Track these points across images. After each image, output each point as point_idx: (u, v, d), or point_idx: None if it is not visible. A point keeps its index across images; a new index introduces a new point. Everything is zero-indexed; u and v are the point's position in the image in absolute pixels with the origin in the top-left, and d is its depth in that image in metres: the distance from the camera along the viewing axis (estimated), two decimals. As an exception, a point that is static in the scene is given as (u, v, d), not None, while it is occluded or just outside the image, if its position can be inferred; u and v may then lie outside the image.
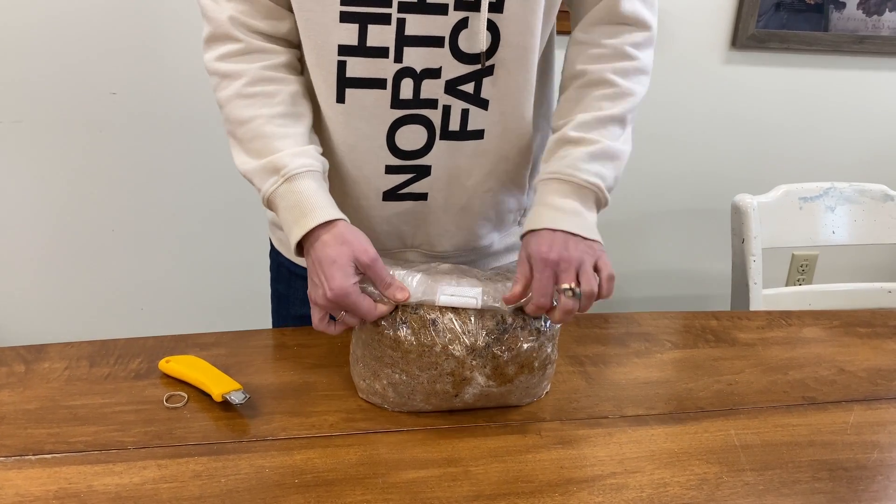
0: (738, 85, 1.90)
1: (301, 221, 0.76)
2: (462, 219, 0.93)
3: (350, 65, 0.79)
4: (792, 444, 0.77)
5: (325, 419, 0.77)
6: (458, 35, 0.79)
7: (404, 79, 0.80)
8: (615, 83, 0.84)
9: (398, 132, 0.83)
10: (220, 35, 0.80)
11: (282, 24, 0.81)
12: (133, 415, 0.76)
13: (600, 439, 0.75)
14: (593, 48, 0.86)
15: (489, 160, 0.89)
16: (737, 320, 1.05)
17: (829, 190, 1.38)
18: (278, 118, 0.80)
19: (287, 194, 0.78)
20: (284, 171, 0.78)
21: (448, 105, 0.83)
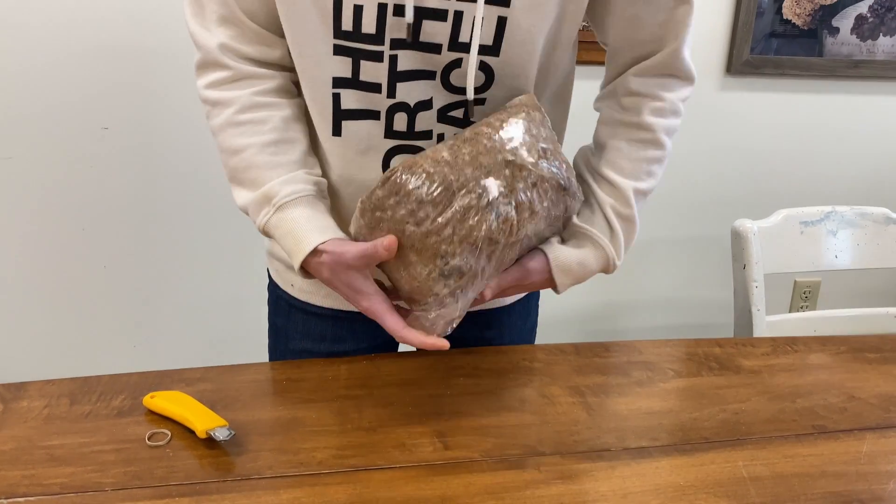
0: (734, 111, 1.90)
1: (295, 250, 0.77)
2: None
3: (344, 97, 0.78)
4: (803, 475, 0.73)
5: (313, 456, 0.73)
6: (451, 73, 0.78)
7: (398, 113, 0.79)
8: (664, 146, 0.87)
9: (392, 161, 0.82)
10: (209, 62, 0.80)
11: (273, 51, 0.80)
12: (113, 454, 0.73)
13: (602, 473, 0.72)
14: (654, 101, 0.85)
15: None
16: (741, 347, 1.02)
17: (829, 214, 1.36)
18: (270, 146, 0.79)
19: (280, 223, 0.78)
20: (275, 201, 0.77)
21: (441, 133, 0.82)
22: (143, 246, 1.72)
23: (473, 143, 0.71)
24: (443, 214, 0.69)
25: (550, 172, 0.74)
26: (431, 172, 0.69)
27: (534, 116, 0.76)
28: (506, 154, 0.71)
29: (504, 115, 0.74)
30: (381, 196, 0.70)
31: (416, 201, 0.69)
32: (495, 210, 0.70)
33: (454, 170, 0.69)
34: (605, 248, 0.85)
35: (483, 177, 0.70)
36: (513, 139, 0.72)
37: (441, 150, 0.71)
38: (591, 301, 2.00)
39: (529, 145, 0.73)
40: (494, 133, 0.72)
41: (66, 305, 1.75)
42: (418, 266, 0.72)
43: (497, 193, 0.70)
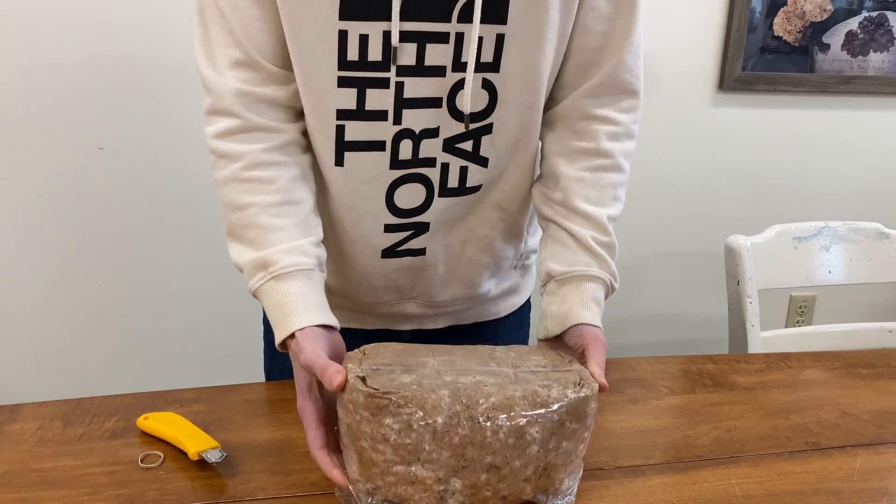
0: (726, 127, 1.91)
1: (282, 323, 0.73)
2: (460, 269, 0.92)
3: (349, 128, 0.78)
4: (796, 493, 0.73)
5: (306, 477, 0.73)
6: (456, 95, 0.78)
7: (403, 140, 0.79)
8: (625, 169, 0.87)
9: (397, 192, 0.82)
10: (220, 109, 0.77)
11: (286, 90, 0.78)
12: (105, 477, 0.72)
13: (595, 492, 0.72)
14: (609, 125, 0.85)
15: (486, 211, 0.88)
16: (735, 364, 1.02)
17: (822, 229, 1.36)
18: (274, 207, 0.77)
19: (271, 292, 0.75)
20: (273, 269, 0.75)
21: (446, 163, 0.82)
22: (138, 266, 1.73)
23: (478, 427, 0.61)
24: (397, 465, 0.62)
25: (534, 498, 0.66)
26: (412, 427, 0.61)
27: (571, 430, 0.65)
28: (497, 459, 0.62)
29: (535, 404, 0.63)
30: (361, 402, 0.62)
31: (382, 437, 0.61)
32: (444, 501, 0.63)
33: (433, 441, 0.61)
34: (602, 277, 0.84)
35: (455, 471, 0.62)
36: (519, 448, 0.62)
37: (442, 406, 0.61)
38: (587, 317, 2.00)
39: (535, 461, 0.64)
40: (507, 429, 0.62)
41: (61, 325, 1.75)
42: (354, 466, 0.65)
43: (455, 488, 0.62)
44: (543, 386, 0.65)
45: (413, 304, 0.95)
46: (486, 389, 0.63)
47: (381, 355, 0.70)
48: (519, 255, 0.98)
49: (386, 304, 0.94)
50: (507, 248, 0.94)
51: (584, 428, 0.66)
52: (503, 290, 1.00)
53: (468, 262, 0.92)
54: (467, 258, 0.91)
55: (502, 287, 1.00)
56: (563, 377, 0.67)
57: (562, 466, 0.66)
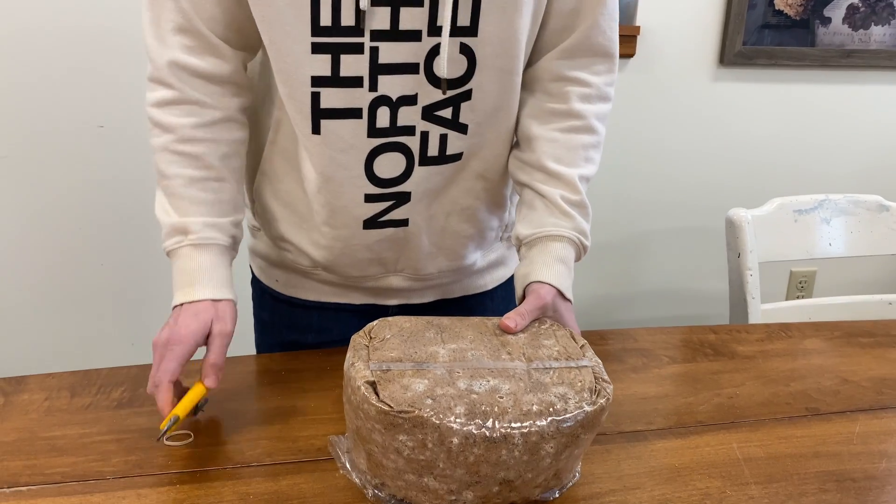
0: (727, 102, 1.91)
1: (187, 289, 0.78)
2: (444, 241, 0.92)
3: (324, 96, 0.77)
4: (797, 455, 0.74)
5: (312, 444, 0.74)
6: (433, 61, 0.77)
7: (380, 107, 0.78)
8: (598, 132, 0.87)
9: (376, 161, 0.81)
10: (157, 78, 0.79)
11: (225, 65, 0.79)
12: (114, 444, 0.73)
13: (597, 456, 0.73)
14: (581, 87, 0.85)
15: (468, 181, 0.88)
16: (735, 334, 1.03)
17: (823, 202, 1.37)
18: (199, 182, 0.80)
19: (183, 258, 0.79)
20: (191, 237, 0.78)
21: (426, 131, 0.81)
22: (141, 243, 1.73)
23: (493, 446, 0.59)
24: (409, 474, 0.61)
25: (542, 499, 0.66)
26: (427, 446, 0.59)
27: (583, 439, 0.63)
28: (510, 474, 0.61)
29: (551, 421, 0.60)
30: (373, 415, 0.60)
31: (395, 449, 0.60)
32: None
33: (448, 460, 0.59)
34: (567, 236, 0.83)
35: (469, 485, 0.61)
36: (532, 462, 0.61)
37: (455, 430, 0.58)
38: (586, 294, 2.01)
39: (547, 471, 0.63)
40: (522, 447, 0.60)
41: (64, 303, 1.75)
42: (361, 456, 0.65)
43: (467, 499, 0.62)
44: (559, 396, 0.62)
45: (399, 277, 0.94)
46: (501, 403, 0.60)
47: (387, 343, 0.68)
48: (504, 226, 0.98)
49: (371, 278, 0.94)
50: (492, 219, 0.94)
51: (594, 431, 0.65)
52: (490, 261, 1.00)
53: (452, 233, 0.91)
54: (451, 229, 0.91)
55: (489, 259, 1.00)
56: (579, 378, 0.65)
57: (569, 469, 0.66)
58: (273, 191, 0.90)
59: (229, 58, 0.79)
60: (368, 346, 0.68)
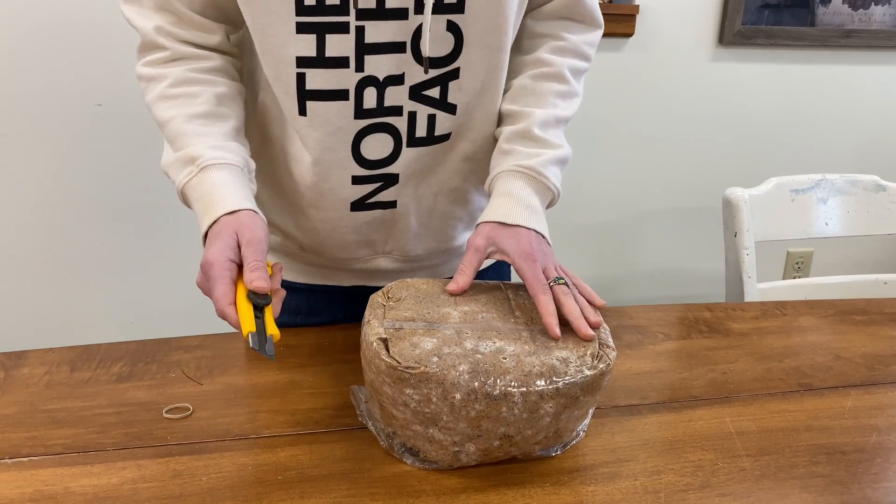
0: (725, 82, 1.90)
1: (209, 212, 0.72)
2: (432, 222, 0.92)
3: (310, 76, 0.76)
4: (789, 429, 0.75)
5: (310, 416, 0.75)
6: (420, 39, 0.76)
7: (367, 88, 0.77)
8: (569, 81, 0.86)
9: (363, 142, 0.81)
10: (148, 44, 0.79)
11: (211, 37, 0.79)
12: (113, 417, 0.74)
13: (592, 430, 0.74)
14: (555, 40, 0.86)
15: (456, 162, 0.87)
16: (731, 311, 1.04)
17: (820, 182, 1.37)
18: (198, 118, 0.77)
19: (199, 185, 0.74)
20: (199, 161, 0.74)
21: (413, 111, 0.80)
22: (140, 222, 1.73)
23: (494, 403, 0.61)
24: (416, 425, 0.65)
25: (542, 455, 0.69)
26: (431, 400, 0.62)
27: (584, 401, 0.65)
28: (510, 430, 0.63)
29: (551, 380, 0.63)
30: (384, 369, 0.63)
31: (403, 402, 0.64)
32: (457, 458, 0.66)
33: (451, 413, 0.62)
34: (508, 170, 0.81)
35: (471, 438, 0.64)
36: (532, 420, 0.63)
37: (460, 384, 0.61)
38: (583, 273, 2.02)
39: (547, 429, 0.65)
40: (522, 405, 0.62)
41: (63, 283, 1.76)
42: (375, 407, 0.69)
43: (470, 451, 0.65)
44: (561, 360, 0.64)
45: (387, 258, 0.94)
46: (504, 364, 0.63)
47: (403, 303, 0.71)
48: None
49: (360, 260, 0.94)
50: (482, 200, 0.94)
51: (595, 395, 0.67)
52: None
53: (441, 214, 0.91)
54: (440, 211, 0.91)
55: None
56: (583, 343, 0.68)
57: (570, 429, 0.68)
58: (258, 174, 0.89)
59: (214, 30, 0.79)
60: (385, 306, 0.71)
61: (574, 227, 1.98)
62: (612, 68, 1.82)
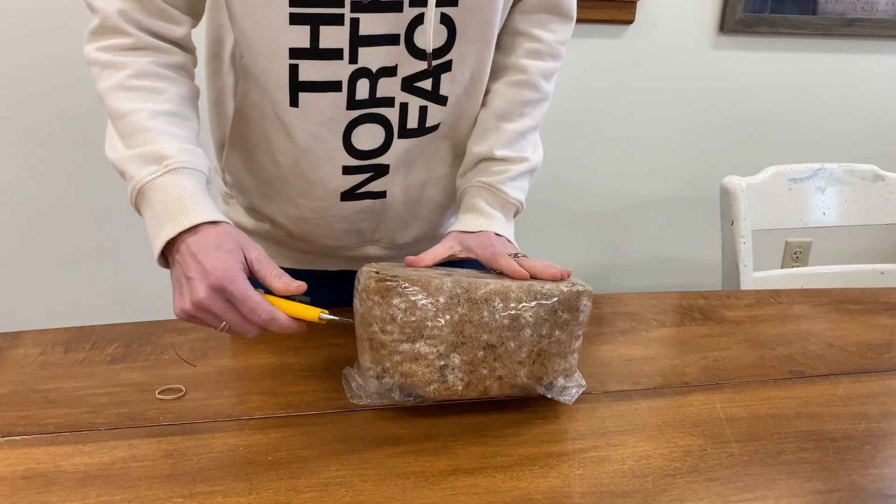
0: (726, 70, 1.89)
1: (179, 217, 0.67)
2: (420, 211, 0.92)
3: (303, 68, 0.75)
4: (778, 416, 0.75)
5: (302, 398, 0.75)
6: (414, 32, 0.76)
7: (360, 79, 0.77)
8: (540, 88, 0.88)
9: (354, 132, 0.81)
10: (108, 28, 0.72)
11: (176, 28, 0.76)
12: (106, 397, 0.74)
13: (582, 414, 0.74)
14: (531, 41, 0.87)
15: (442, 150, 0.88)
16: (725, 299, 1.04)
17: (818, 171, 1.37)
18: (163, 116, 0.72)
19: (166, 186, 0.68)
20: (168, 162, 0.69)
21: (405, 102, 0.80)
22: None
23: (476, 307, 0.67)
24: (403, 343, 0.67)
25: (527, 383, 0.70)
26: (416, 306, 0.66)
27: (563, 319, 0.70)
28: (493, 338, 0.68)
29: (530, 296, 0.68)
30: (373, 287, 0.67)
31: (391, 317, 0.67)
32: (444, 377, 0.68)
33: (435, 318, 0.66)
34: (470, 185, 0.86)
35: (455, 346, 0.67)
36: (514, 329, 0.68)
37: (444, 289, 0.67)
38: (578, 262, 2.02)
39: (529, 345, 0.69)
40: (503, 311, 0.67)
41: (63, 266, 1.76)
42: (366, 355, 0.70)
43: (454, 364, 0.67)
44: (540, 284, 0.70)
45: (375, 246, 0.95)
46: (485, 280, 0.69)
47: (394, 270, 0.74)
48: None
49: (348, 248, 0.94)
50: None
51: (577, 322, 0.71)
52: None
53: (429, 203, 0.92)
54: (428, 199, 0.92)
55: None
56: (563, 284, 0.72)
57: (555, 356, 0.70)
58: (243, 163, 0.89)
59: (179, 21, 0.76)
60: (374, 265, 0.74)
61: (570, 215, 1.97)
62: (611, 55, 1.81)
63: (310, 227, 0.89)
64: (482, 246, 0.81)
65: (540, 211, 1.94)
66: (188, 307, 0.66)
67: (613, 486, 0.63)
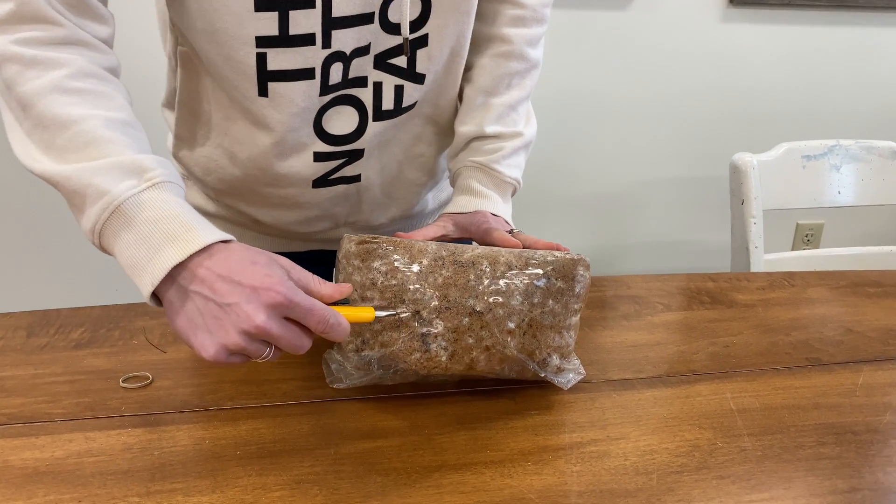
0: (736, 44, 1.82)
1: (185, 237, 0.55)
2: (397, 191, 0.87)
3: (271, 57, 0.68)
4: (794, 407, 0.69)
5: (277, 387, 0.70)
6: (388, 7, 0.70)
7: (334, 64, 0.71)
8: (527, 57, 0.83)
9: (326, 116, 0.75)
10: (29, 15, 0.59)
11: (103, 28, 0.64)
12: (66, 385, 0.69)
13: (581, 404, 0.68)
14: (514, 8, 0.81)
15: (419, 127, 0.83)
16: (735, 282, 0.98)
17: (833, 148, 1.30)
18: (120, 125, 0.59)
19: (156, 203, 0.56)
20: (151, 175, 0.57)
21: (379, 82, 0.74)
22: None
23: (461, 270, 0.62)
24: (382, 311, 0.61)
25: (517, 357, 0.63)
26: (398, 268, 0.62)
27: (557, 287, 0.64)
28: (479, 303, 0.62)
29: (521, 261, 0.63)
30: (353, 251, 0.63)
31: (371, 282, 0.62)
32: (426, 345, 0.61)
33: (419, 280, 0.61)
34: (461, 165, 0.83)
35: (438, 312, 0.61)
36: (502, 295, 0.62)
37: (427, 251, 0.63)
38: (581, 245, 1.96)
39: (520, 314, 0.63)
40: (491, 276, 0.62)
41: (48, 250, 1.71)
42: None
43: (437, 331, 0.61)
44: (532, 251, 0.66)
45: (349, 229, 0.89)
46: (472, 246, 0.65)
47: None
48: None
49: (321, 232, 0.89)
50: (442, 160, 0.90)
51: (573, 293, 0.65)
52: (441, 202, 0.96)
53: (406, 182, 0.87)
54: (404, 178, 0.86)
55: (440, 199, 0.96)
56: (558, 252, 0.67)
57: (548, 329, 0.64)
58: (193, 158, 0.82)
59: (107, 19, 0.65)
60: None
61: (572, 196, 1.91)
62: (616, 28, 1.75)
63: (279, 213, 0.84)
64: (476, 223, 0.77)
65: (538, 192, 1.88)
66: (234, 340, 0.53)
67: (614, 485, 0.58)
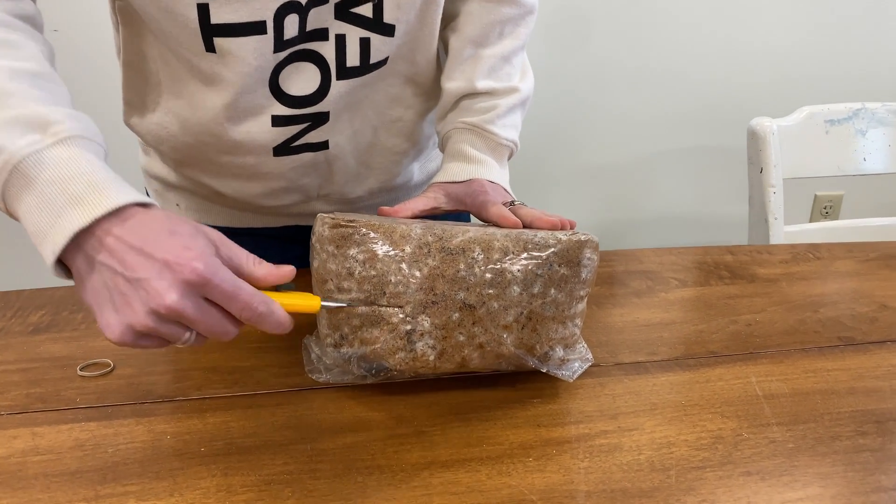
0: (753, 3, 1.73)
1: (90, 199, 0.47)
2: (374, 160, 0.79)
3: (214, 9, 0.60)
4: (828, 392, 0.62)
5: (251, 375, 0.63)
6: None
7: (288, 16, 0.62)
8: (522, 1, 0.76)
9: (282, 74, 0.66)
10: None
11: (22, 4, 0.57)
12: (18, 374, 0.62)
13: (589, 391, 0.61)
14: None
15: (395, 87, 0.74)
16: (756, 255, 0.90)
17: (859, 111, 1.21)
18: (28, 76, 0.52)
19: (61, 161, 0.48)
20: (57, 129, 0.50)
21: (342, 34, 0.66)
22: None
23: (450, 258, 0.54)
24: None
25: (514, 353, 0.56)
26: (377, 256, 0.54)
27: (560, 275, 0.56)
28: (471, 296, 0.54)
29: (518, 246, 0.55)
30: (327, 235, 0.56)
31: (348, 271, 0.55)
32: (412, 344, 0.54)
33: (400, 272, 0.54)
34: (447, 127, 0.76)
35: (424, 306, 0.54)
36: (497, 287, 0.54)
37: (411, 236, 0.55)
38: (590, 220, 1.89)
39: (518, 306, 0.55)
40: (484, 264, 0.54)
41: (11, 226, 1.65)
42: (323, 319, 0.58)
43: (424, 328, 0.54)
44: (533, 232, 0.58)
45: (322, 202, 0.81)
46: (463, 227, 0.57)
47: (354, 216, 0.62)
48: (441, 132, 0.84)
49: (291, 206, 0.80)
50: (424, 125, 0.81)
51: (579, 280, 0.58)
52: (429, 173, 0.88)
53: (383, 149, 0.78)
54: (381, 145, 0.78)
55: (428, 170, 0.88)
56: (562, 233, 0.59)
57: (550, 321, 0.57)
58: (144, 125, 0.74)
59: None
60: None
61: (580, 168, 1.83)
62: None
63: (239, 185, 0.76)
64: (472, 194, 0.70)
65: (541, 161, 1.79)
66: (142, 321, 0.46)
67: (627, 483, 0.51)
